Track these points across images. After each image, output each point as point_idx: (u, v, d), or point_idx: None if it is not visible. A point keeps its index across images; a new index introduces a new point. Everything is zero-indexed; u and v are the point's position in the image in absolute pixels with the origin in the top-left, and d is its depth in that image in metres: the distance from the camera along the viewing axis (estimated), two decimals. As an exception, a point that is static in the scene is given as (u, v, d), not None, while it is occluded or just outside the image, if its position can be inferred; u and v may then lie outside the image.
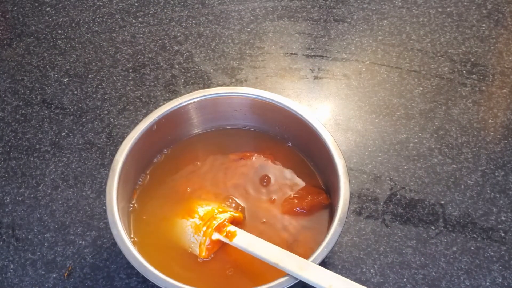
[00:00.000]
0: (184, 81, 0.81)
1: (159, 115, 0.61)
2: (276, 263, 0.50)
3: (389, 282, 0.60)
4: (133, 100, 0.79)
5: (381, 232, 0.64)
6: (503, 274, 0.61)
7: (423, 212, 0.66)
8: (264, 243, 0.53)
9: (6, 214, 0.67)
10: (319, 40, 0.86)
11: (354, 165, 0.70)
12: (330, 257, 0.62)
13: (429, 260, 0.62)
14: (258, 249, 0.52)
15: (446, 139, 0.73)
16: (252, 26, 0.89)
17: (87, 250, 0.63)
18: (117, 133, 0.75)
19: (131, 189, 0.62)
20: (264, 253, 0.52)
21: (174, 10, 0.92)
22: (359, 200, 0.67)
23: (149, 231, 0.59)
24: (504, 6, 0.91)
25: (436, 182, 0.69)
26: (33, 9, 0.93)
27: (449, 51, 0.84)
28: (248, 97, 0.64)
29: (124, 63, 0.84)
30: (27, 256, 0.63)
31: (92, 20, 0.91)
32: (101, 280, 0.61)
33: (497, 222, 0.65)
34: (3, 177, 0.70)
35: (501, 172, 0.69)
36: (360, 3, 0.92)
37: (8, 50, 0.86)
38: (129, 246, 0.51)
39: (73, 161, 0.72)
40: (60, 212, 0.67)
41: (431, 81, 0.80)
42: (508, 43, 0.85)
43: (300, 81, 0.81)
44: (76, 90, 0.80)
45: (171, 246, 0.58)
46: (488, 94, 0.79)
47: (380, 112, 0.76)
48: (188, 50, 0.85)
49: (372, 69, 0.82)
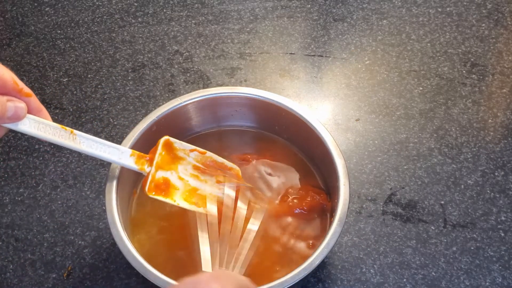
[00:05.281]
0: (184, 81, 0.81)
1: (159, 115, 0.61)
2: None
3: (389, 282, 0.60)
4: (132, 100, 0.79)
5: (381, 232, 0.64)
6: (503, 274, 0.61)
7: (423, 212, 0.66)
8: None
9: (6, 214, 0.67)
10: (318, 40, 0.86)
11: (354, 165, 0.70)
12: (330, 257, 0.62)
13: (429, 260, 0.62)
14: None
15: (446, 139, 0.73)
16: (251, 26, 0.89)
17: (87, 250, 0.63)
18: (117, 133, 0.75)
19: (130, 189, 0.61)
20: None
21: (173, 10, 0.92)
22: (359, 200, 0.67)
23: (149, 231, 0.59)
24: (504, 6, 0.91)
25: (436, 182, 0.69)
26: (32, 9, 0.93)
27: (449, 51, 0.84)
28: (248, 97, 0.64)
29: (123, 63, 0.84)
30: (26, 256, 0.63)
31: (92, 20, 0.91)
32: (100, 280, 0.61)
33: (497, 222, 0.65)
34: (3, 177, 0.70)
35: (501, 172, 0.69)
36: (360, 3, 0.92)
37: (7, 50, 0.86)
38: (129, 246, 0.51)
39: (73, 161, 0.71)
40: (60, 212, 0.67)
41: (431, 81, 0.80)
42: (508, 43, 0.85)
43: (300, 81, 0.81)
44: (76, 90, 0.80)
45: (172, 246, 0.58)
46: (488, 94, 0.79)
47: (380, 112, 0.76)
48: (187, 50, 0.85)
49: (372, 69, 0.82)
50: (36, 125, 0.49)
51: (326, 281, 0.60)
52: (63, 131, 0.51)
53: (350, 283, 0.60)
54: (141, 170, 0.55)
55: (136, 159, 0.54)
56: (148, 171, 0.54)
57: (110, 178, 0.55)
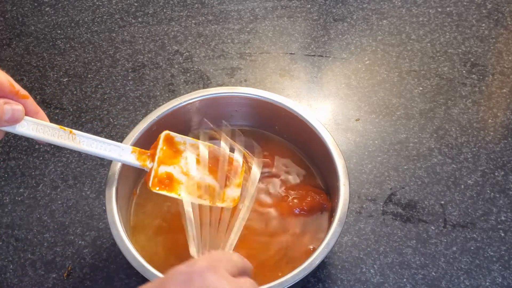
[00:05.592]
0: (184, 81, 0.81)
1: (159, 115, 0.61)
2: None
3: (389, 282, 0.60)
4: (132, 100, 0.79)
5: (381, 232, 0.64)
6: (503, 274, 0.61)
7: (423, 212, 0.66)
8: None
9: (6, 214, 0.67)
10: (318, 40, 0.86)
11: (354, 165, 0.70)
12: (330, 257, 0.62)
13: (429, 260, 0.62)
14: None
15: (446, 139, 0.73)
16: (251, 26, 0.89)
17: (87, 250, 0.63)
18: (117, 133, 0.75)
19: (130, 189, 0.61)
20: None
21: (173, 10, 0.92)
22: (359, 200, 0.67)
23: (149, 231, 0.59)
24: (504, 6, 0.91)
25: (436, 182, 0.69)
26: (32, 9, 0.93)
27: (449, 51, 0.84)
28: (248, 97, 0.64)
29: (123, 63, 0.84)
30: (26, 256, 0.63)
31: (92, 20, 0.91)
32: (100, 280, 0.61)
33: (497, 222, 0.65)
34: (3, 177, 0.70)
35: (501, 172, 0.69)
36: (360, 3, 0.92)
37: (8, 50, 0.86)
38: (129, 246, 0.51)
39: (73, 161, 0.71)
40: (60, 212, 0.67)
41: (431, 81, 0.80)
42: (507, 43, 0.85)
43: (300, 81, 0.81)
44: (76, 90, 0.80)
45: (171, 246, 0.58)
46: (488, 94, 0.79)
47: (380, 112, 0.76)
48: (187, 50, 0.85)
49: (372, 69, 0.82)
50: (35, 127, 0.49)
51: (326, 281, 0.60)
52: (62, 131, 0.50)
53: (350, 283, 0.60)
54: (143, 166, 0.54)
55: (137, 156, 0.54)
56: (150, 166, 0.54)
57: (110, 178, 0.55)
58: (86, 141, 0.52)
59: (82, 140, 0.52)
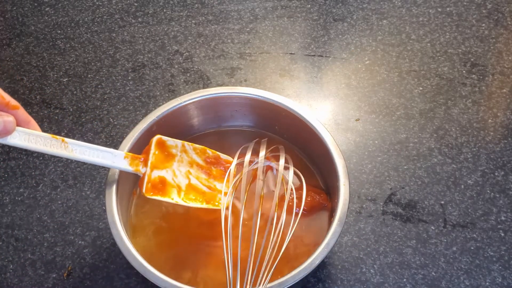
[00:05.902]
0: (184, 81, 0.81)
1: (159, 115, 0.61)
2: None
3: (389, 282, 0.60)
4: (132, 100, 0.79)
5: (381, 232, 0.64)
6: (503, 274, 0.61)
7: (423, 212, 0.66)
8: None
9: (6, 214, 0.67)
10: (318, 40, 0.86)
11: (354, 165, 0.70)
12: (330, 257, 0.62)
13: (429, 260, 0.62)
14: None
15: (446, 139, 0.73)
16: (251, 26, 0.89)
17: (87, 250, 0.63)
18: (117, 133, 0.75)
19: (130, 189, 0.61)
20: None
21: (173, 10, 0.92)
22: (359, 200, 0.67)
23: (149, 231, 0.59)
24: (504, 6, 0.91)
25: (436, 182, 0.69)
26: (32, 9, 0.93)
27: (449, 51, 0.84)
28: (248, 97, 0.64)
29: (123, 63, 0.84)
30: (26, 256, 0.63)
31: (92, 20, 0.91)
32: (100, 280, 0.61)
33: (497, 222, 0.65)
34: (3, 177, 0.70)
35: (501, 172, 0.69)
36: (360, 3, 0.92)
37: (8, 50, 0.86)
38: (129, 246, 0.51)
39: (73, 161, 0.71)
40: (60, 212, 0.67)
41: (431, 81, 0.80)
42: (507, 43, 0.85)
43: (300, 81, 0.81)
44: (76, 90, 0.80)
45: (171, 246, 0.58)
46: (488, 94, 0.79)
47: (380, 112, 0.76)
48: (187, 50, 0.85)
49: (372, 69, 0.82)
50: (27, 137, 0.49)
51: (326, 281, 0.60)
52: (54, 140, 0.50)
53: (350, 283, 0.60)
54: (136, 171, 0.54)
55: (130, 161, 0.54)
56: (143, 171, 0.54)
57: (110, 178, 0.55)
58: (78, 149, 0.52)
59: (74, 148, 0.52)
